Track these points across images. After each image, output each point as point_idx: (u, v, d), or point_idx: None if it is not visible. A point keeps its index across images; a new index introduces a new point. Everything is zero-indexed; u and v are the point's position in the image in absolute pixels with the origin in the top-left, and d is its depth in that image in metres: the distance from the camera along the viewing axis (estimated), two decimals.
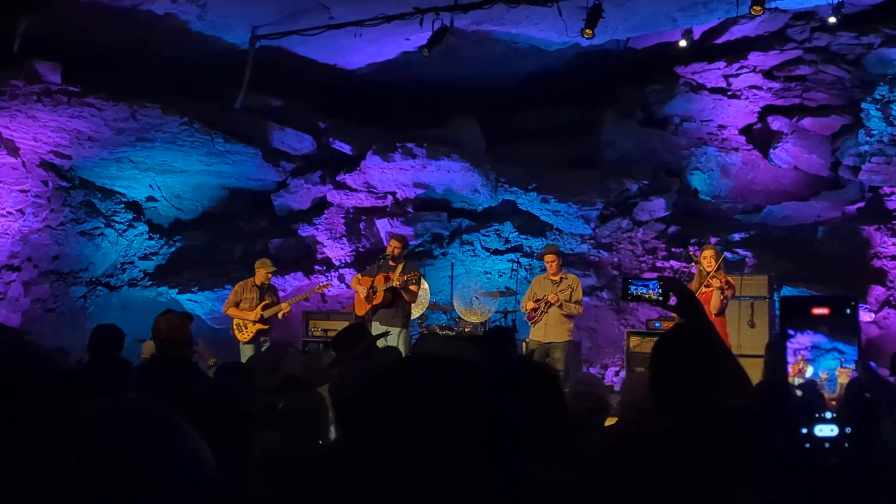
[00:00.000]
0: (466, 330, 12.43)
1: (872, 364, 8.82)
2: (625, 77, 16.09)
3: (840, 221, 14.19)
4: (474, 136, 15.45)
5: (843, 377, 1.78)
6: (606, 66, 15.49)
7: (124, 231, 14.33)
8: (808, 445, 1.74)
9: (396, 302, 11.08)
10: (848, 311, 1.77)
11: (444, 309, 13.68)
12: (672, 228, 15.13)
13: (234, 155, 14.19)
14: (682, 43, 14.24)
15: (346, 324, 12.40)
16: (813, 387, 1.78)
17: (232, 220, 15.49)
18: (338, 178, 15.18)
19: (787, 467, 2.61)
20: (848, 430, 1.71)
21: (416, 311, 12.21)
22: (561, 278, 11.09)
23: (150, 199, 14.73)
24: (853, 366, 1.77)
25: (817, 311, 1.77)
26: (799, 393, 1.80)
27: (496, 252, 15.31)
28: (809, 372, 1.79)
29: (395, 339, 10.81)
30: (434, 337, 11.94)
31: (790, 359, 1.81)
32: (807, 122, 15.40)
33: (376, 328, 11.17)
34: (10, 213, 12.77)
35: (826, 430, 1.73)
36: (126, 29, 12.05)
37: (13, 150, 12.76)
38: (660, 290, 3.56)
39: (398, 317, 11.10)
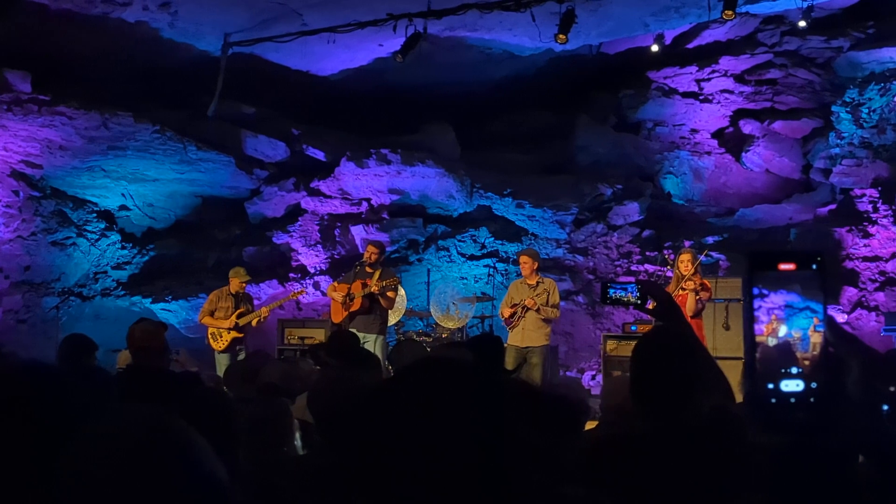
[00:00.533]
0: (444, 336, 12.42)
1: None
2: (598, 82, 16.17)
3: (812, 224, 14.30)
4: (449, 142, 15.46)
5: (816, 337, 1.77)
6: (579, 71, 15.56)
7: (97, 240, 14.22)
8: (773, 401, 1.74)
9: (374, 308, 11.07)
10: (815, 266, 1.76)
11: (421, 315, 13.66)
12: (646, 232, 15.19)
13: (207, 163, 14.12)
14: (654, 48, 14.34)
15: (322, 332, 12.40)
16: (787, 346, 1.78)
17: (205, 229, 15.41)
18: (312, 185, 15.14)
19: (773, 470, 2.62)
20: (814, 385, 1.71)
21: (392, 318, 12.19)
22: (538, 282, 11.10)
23: (123, 207, 14.63)
24: (823, 326, 1.77)
25: (784, 266, 1.76)
26: (773, 348, 1.80)
27: (472, 257, 15.32)
28: (783, 331, 1.79)
29: (372, 345, 10.79)
30: (411, 343, 11.94)
31: (763, 318, 1.80)
32: (778, 125, 15.53)
33: None
34: None
35: (792, 385, 1.73)
36: (97, 37, 11.97)
37: None
38: (638, 294, 3.57)
39: (375, 323, 11.09)
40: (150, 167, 13.83)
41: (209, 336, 11.56)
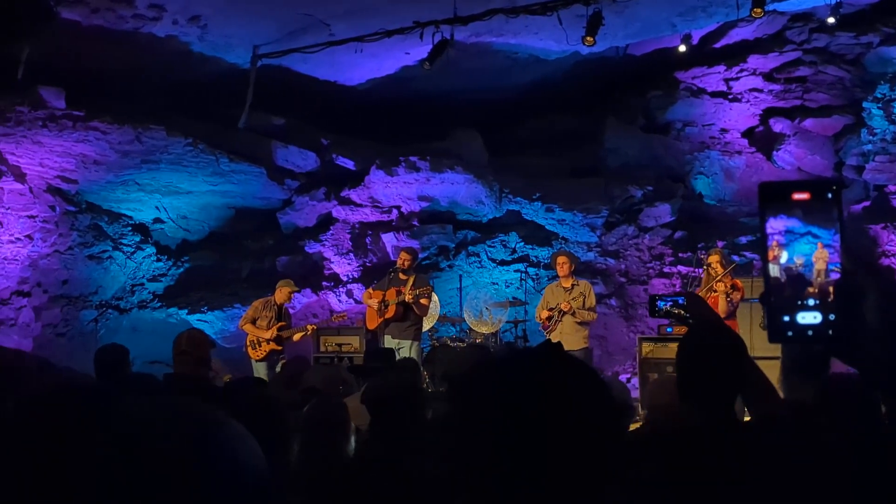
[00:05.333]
0: (478, 341, 12.44)
1: None
2: (625, 84, 16.12)
3: (846, 221, 14.14)
4: (476, 148, 15.48)
5: (821, 263, 1.71)
6: (606, 73, 15.53)
7: (132, 253, 14.35)
8: (790, 334, 1.69)
9: (408, 315, 11.15)
10: (830, 195, 1.70)
11: (454, 321, 13.68)
12: (678, 234, 15.13)
13: (239, 174, 14.26)
14: (682, 48, 14.29)
15: (357, 339, 12.48)
16: (796, 273, 1.71)
17: (239, 240, 15.54)
18: (342, 194, 15.22)
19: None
20: (832, 317, 1.66)
21: (426, 324, 12.24)
22: (573, 285, 11.11)
23: (157, 220, 14.76)
24: (830, 251, 1.70)
25: (798, 195, 1.70)
26: (783, 279, 1.74)
27: (503, 262, 15.31)
28: (784, 258, 1.72)
29: (407, 351, 10.86)
30: (445, 349, 12.01)
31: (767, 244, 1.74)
32: (809, 123, 15.41)
33: (388, 342, 11.24)
34: (18, 238, 12.80)
35: (809, 318, 1.67)
36: (128, 52, 12.08)
37: (20, 176, 12.81)
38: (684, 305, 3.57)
39: (410, 330, 11.18)
40: (184, 180, 13.97)
41: (248, 344, 11.65)
